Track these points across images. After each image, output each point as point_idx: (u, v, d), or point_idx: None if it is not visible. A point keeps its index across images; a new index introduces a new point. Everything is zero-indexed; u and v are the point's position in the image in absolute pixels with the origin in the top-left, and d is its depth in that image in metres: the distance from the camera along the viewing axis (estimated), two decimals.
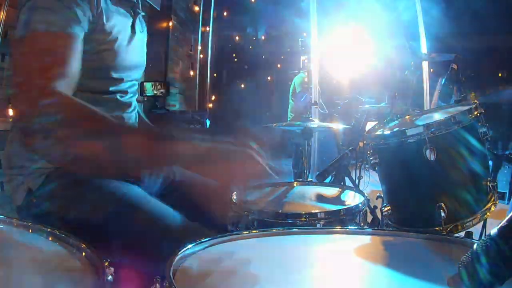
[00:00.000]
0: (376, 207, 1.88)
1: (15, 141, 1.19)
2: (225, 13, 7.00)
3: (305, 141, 2.34)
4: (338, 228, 1.02)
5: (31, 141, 0.97)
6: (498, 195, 1.20)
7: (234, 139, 0.87)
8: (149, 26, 1.46)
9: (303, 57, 5.44)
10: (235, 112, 7.70)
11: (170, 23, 4.60)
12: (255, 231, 0.98)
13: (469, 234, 1.14)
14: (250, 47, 8.59)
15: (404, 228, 1.22)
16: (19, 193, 1.17)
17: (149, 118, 1.53)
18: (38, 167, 1.15)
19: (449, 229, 1.12)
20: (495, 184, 1.17)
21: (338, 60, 4.52)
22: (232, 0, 6.90)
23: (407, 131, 1.15)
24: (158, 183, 1.45)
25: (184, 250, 0.81)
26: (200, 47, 5.27)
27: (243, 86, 8.57)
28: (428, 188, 1.15)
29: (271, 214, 1.21)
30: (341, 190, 1.50)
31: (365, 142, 1.34)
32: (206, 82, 5.41)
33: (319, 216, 1.20)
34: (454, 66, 1.71)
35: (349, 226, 1.08)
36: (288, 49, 7.86)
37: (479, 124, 1.16)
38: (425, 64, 4.72)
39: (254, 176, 0.89)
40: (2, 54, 2.19)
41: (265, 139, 0.90)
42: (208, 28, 5.47)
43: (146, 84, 5.13)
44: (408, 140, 1.14)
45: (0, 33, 2.13)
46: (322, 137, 4.32)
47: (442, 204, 1.10)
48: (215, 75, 7.66)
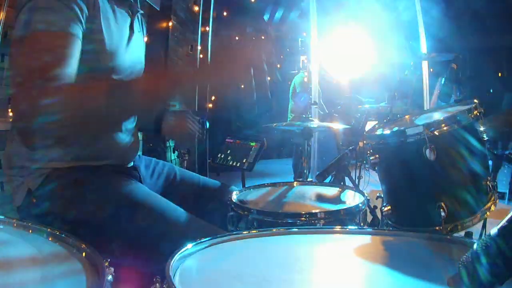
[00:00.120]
0: (376, 207, 1.88)
1: (15, 141, 1.19)
2: (225, 13, 6.99)
3: (305, 141, 2.34)
4: (338, 228, 1.02)
5: (31, 141, 0.98)
6: (498, 195, 1.20)
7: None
8: (149, 26, 1.46)
9: (303, 57, 5.44)
10: (235, 112, 7.69)
11: (170, 23, 4.59)
12: (255, 231, 0.98)
13: (469, 234, 1.14)
14: (250, 47, 8.57)
15: (404, 228, 1.22)
16: (19, 193, 1.17)
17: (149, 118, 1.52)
18: (38, 167, 1.15)
19: (449, 229, 1.12)
20: (495, 184, 1.17)
21: (338, 60, 4.52)
22: (232, 0, 6.89)
23: (407, 131, 1.15)
24: (159, 183, 1.45)
25: (184, 250, 0.81)
26: (200, 47, 5.25)
27: (243, 86, 8.55)
28: (428, 188, 1.15)
29: (271, 214, 1.21)
30: (341, 190, 1.51)
31: (365, 142, 1.34)
32: None
33: (319, 216, 1.20)
34: (454, 66, 1.71)
35: (349, 226, 1.07)
36: (288, 49, 7.85)
37: (479, 124, 1.16)
38: (425, 64, 4.71)
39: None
40: (2, 54, 2.18)
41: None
42: (208, 28, 5.45)
43: None
44: (408, 140, 1.14)
45: (0, 33, 2.13)
46: (322, 137, 4.31)
47: (442, 204, 1.10)
48: None
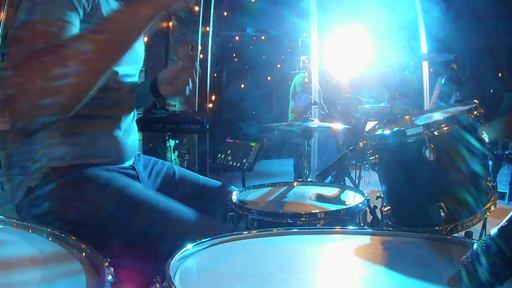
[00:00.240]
0: (376, 207, 1.88)
1: (15, 141, 1.19)
2: (225, 13, 6.99)
3: (305, 141, 2.34)
4: (338, 228, 1.02)
5: (31, 141, 0.97)
6: (498, 195, 1.20)
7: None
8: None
9: (303, 57, 5.44)
10: (235, 112, 7.70)
11: (170, 23, 4.59)
12: (255, 231, 0.98)
13: (469, 234, 1.14)
14: (250, 47, 8.58)
15: (404, 228, 1.22)
16: (19, 191, 1.16)
17: (149, 118, 1.53)
18: (38, 167, 1.15)
19: (449, 229, 1.12)
20: (495, 184, 1.17)
21: (338, 60, 4.51)
22: (232, 0, 6.89)
23: (407, 131, 1.15)
24: (158, 182, 1.45)
25: (184, 250, 0.81)
26: (200, 47, 5.25)
27: (243, 86, 8.57)
28: (428, 188, 1.15)
29: (271, 214, 1.21)
30: (341, 190, 1.51)
31: (365, 142, 1.34)
32: (206, 82, 5.40)
33: (319, 216, 1.20)
34: (454, 66, 1.70)
35: (349, 226, 1.07)
36: (288, 49, 7.86)
37: (479, 124, 1.16)
38: (425, 64, 4.71)
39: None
40: (2, 54, 2.18)
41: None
42: (208, 28, 5.45)
43: None
44: (408, 140, 1.14)
45: (0, 33, 2.13)
46: (322, 137, 4.31)
47: (442, 204, 1.10)
48: (215, 75, 7.66)
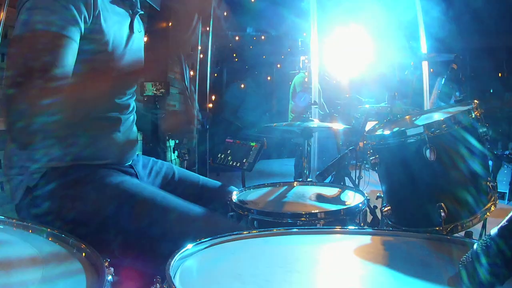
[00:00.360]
0: (376, 207, 1.88)
1: None
2: (225, 13, 6.99)
3: (305, 141, 2.34)
4: (338, 228, 1.02)
5: (29, 142, 0.97)
6: (498, 195, 1.20)
7: None
8: (149, 26, 1.47)
9: (303, 57, 5.43)
10: (235, 112, 7.70)
11: (170, 23, 4.59)
12: (255, 231, 0.98)
13: (469, 234, 1.14)
14: (250, 47, 8.58)
15: (404, 228, 1.22)
16: (18, 191, 1.17)
17: (149, 118, 1.52)
18: (38, 167, 1.15)
19: (449, 229, 1.12)
20: (495, 184, 1.17)
21: (338, 60, 4.51)
22: (232, 0, 6.89)
23: (407, 131, 1.15)
24: (157, 182, 1.45)
25: (184, 250, 0.81)
26: (200, 47, 5.25)
27: (243, 86, 8.57)
28: (428, 188, 1.15)
29: (271, 214, 1.21)
30: (341, 190, 1.51)
31: (365, 142, 1.34)
32: (206, 82, 5.40)
33: (319, 216, 1.20)
34: (454, 66, 1.70)
35: (349, 226, 1.07)
36: (289, 49, 7.86)
37: (479, 124, 1.16)
38: (425, 64, 4.71)
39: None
40: (2, 54, 2.19)
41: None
42: (208, 28, 5.45)
43: (147, 84, 5.13)
44: (408, 140, 1.14)
45: (0, 33, 2.13)
46: (322, 137, 4.31)
47: (442, 204, 1.10)
48: (215, 75, 7.66)
